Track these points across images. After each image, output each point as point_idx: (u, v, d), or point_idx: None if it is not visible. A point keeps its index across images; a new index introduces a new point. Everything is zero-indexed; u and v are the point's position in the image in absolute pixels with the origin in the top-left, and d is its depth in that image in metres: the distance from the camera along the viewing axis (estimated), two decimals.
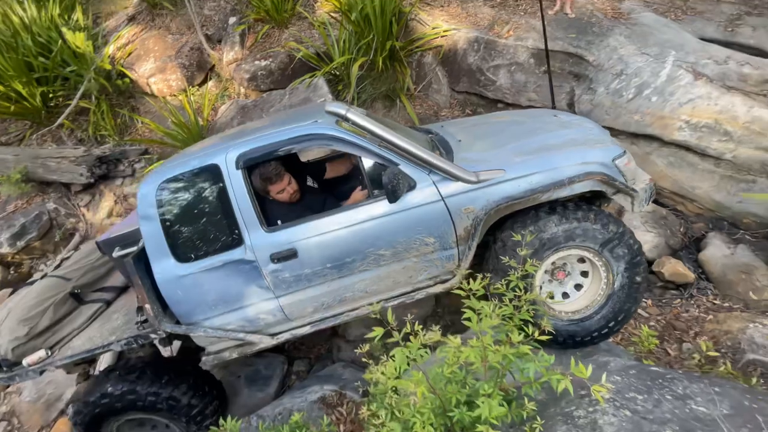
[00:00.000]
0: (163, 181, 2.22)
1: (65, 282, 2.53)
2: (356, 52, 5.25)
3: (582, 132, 2.60)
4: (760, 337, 2.42)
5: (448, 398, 1.42)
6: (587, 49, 4.77)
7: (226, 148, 2.24)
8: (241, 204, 2.20)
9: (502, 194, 2.17)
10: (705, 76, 3.94)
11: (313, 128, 2.20)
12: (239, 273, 2.25)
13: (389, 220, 2.20)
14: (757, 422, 1.24)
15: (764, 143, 3.41)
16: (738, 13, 5.34)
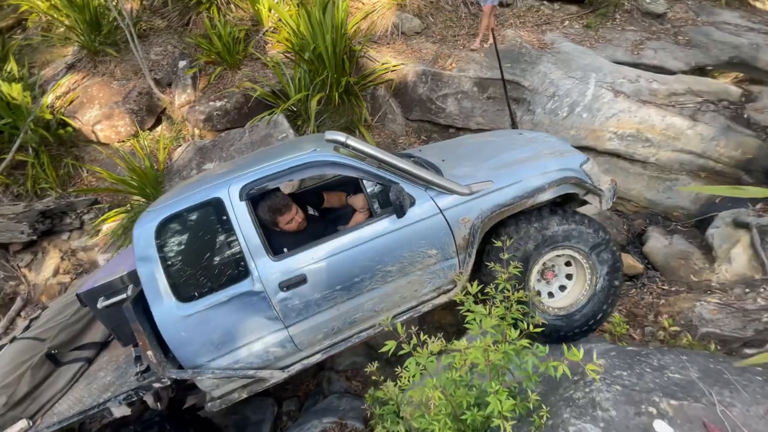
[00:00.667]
0: (163, 219, 2.15)
1: (39, 343, 2.30)
2: (312, 88, 5.44)
3: (548, 145, 2.88)
4: (707, 313, 2.76)
5: (458, 403, 1.49)
6: (522, 76, 5.33)
7: (228, 181, 2.22)
8: (247, 235, 2.17)
9: (494, 202, 2.34)
10: (623, 93, 4.55)
11: (315, 156, 2.25)
12: (246, 306, 2.19)
13: (394, 236, 2.26)
14: (725, 379, 1.44)
15: (679, 146, 3.97)
16: (640, 38, 6.28)
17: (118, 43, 6.06)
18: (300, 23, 5.45)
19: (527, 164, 2.53)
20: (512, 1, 6.92)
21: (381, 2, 6.67)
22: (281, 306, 2.21)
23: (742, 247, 3.05)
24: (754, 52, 5.66)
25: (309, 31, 5.29)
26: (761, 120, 4.05)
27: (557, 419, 1.33)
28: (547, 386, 1.63)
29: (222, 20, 5.97)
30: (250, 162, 2.46)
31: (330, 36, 5.24)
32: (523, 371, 1.56)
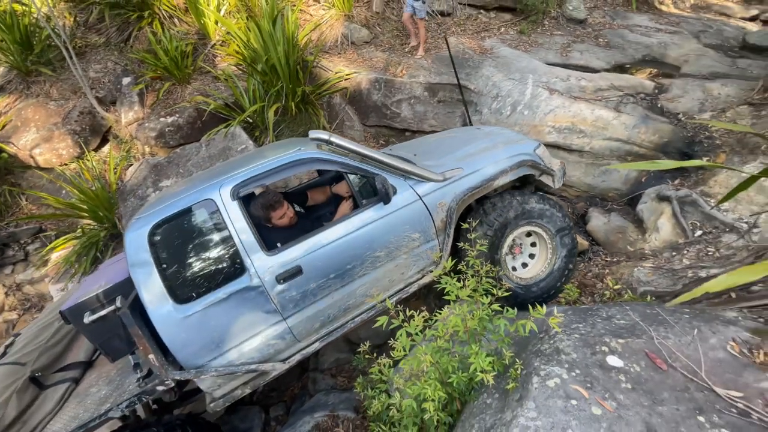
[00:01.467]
0: (155, 223, 2.15)
1: (20, 367, 2.18)
2: (268, 99, 5.46)
3: (505, 135, 3.22)
4: (644, 276, 3.16)
5: (444, 369, 1.66)
6: (468, 79, 5.72)
7: (218, 183, 2.27)
8: (241, 232, 2.23)
9: (465, 186, 2.61)
10: (557, 91, 5.05)
11: (300, 154, 2.35)
12: (245, 302, 2.23)
13: (381, 223, 2.43)
14: (660, 319, 1.73)
15: (608, 135, 4.48)
16: (567, 42, 6.96)
17: (53, 61, 5.71)
18: (250, 36, 5.47)
19: (490, 152, 2.84)
20: (452, 11, 7.39)
21: (328, 14, 6.85)
22: (279, 298, 2.27)
23: (666, 218, 3.53)
24: (663, 49, 6.50)
25: (260, 44, 5.33)
26: (672, 108, 4.68)
27: (530, 368, 1.54)
28: (518, 346, 1.84)
29: (167, 35, 5.83)
30: (235, 165, 2.50)
31: (282, 47, 5.31)
32: (497, 335, 1.77)
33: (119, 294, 2.26)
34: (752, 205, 3.17)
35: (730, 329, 1.61)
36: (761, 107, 4.17)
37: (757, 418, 1.27)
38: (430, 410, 1.50)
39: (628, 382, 1.39)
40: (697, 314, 1.76)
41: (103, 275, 2.52)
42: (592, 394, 1.35)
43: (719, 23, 8.01)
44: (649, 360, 1.48)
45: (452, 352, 1.71)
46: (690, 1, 9.10)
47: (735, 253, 2.91)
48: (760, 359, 1.48)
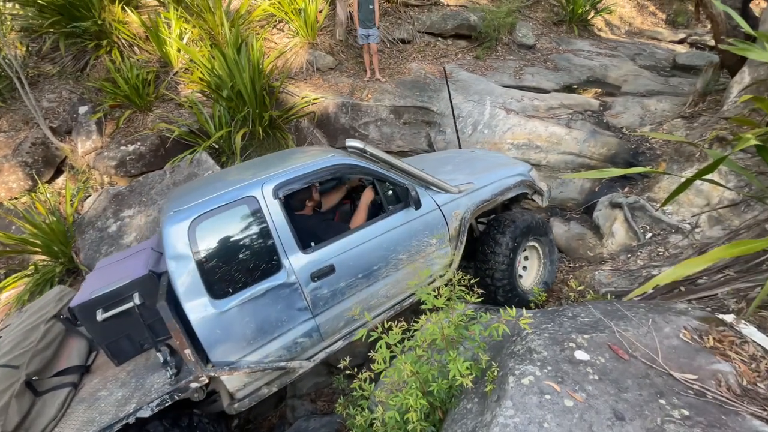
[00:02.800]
0: (195, 217, 2.13)
1: (13, 370, 2.01)
2: (234, 124, 5.46)
3: (500, 158, 3.57)
4: (604, 278, 3.35)
5: (424, 378, 1.69)
6: (430, 102, 5.99)
7: (260, 181, 2.31)
8: (281, 230, 2.29)
9: (477, 199, 2.88)
10: (513, 110, 5.39)
11: (337, 159, 2.48)
12: (279, 299, 2.27)
13: (406, 227, 2.60)
14: (620, 314, 1.85)
15: (562, 149, 4.80)
16: (520, 66, 7.47)
17: (3, 92, 5.46)
18: (214, 63, 5.50)
19: (493, 171, 3.14)
20: (412, 39, 7.78)
21: (293, 42, 7.02)
22: (312, 296, 2.34)
23: (620, 223, 3.79)
24: (604, 71, 7.12)
25: (225, 71, 5.36)
26: (616, 123, 5.10)
27: (505, 369, 1.60)
28: (494, 351, 1.90)
29: (127, 63, 5.74)
30: (269, 165, 2.59)
31: (248, 74, 5.37)
32: (473, 341, 1.83)
33: (136, 291, 2.19)
34: (693, 207, 3.48)
35: (681, 319, 1.76)
36: (693, 119, 4.64)
37: (712, 397, 1.39)
38: (413, 420, 1.52)
39: (595, 374, 1.48)
40: (652, 308, 1.91)
41: (107, 274, 2.39)
42: (563, 388, 1.42)
43: (651, 47, 8.90)
44: (612, 352, 1.58)
45: (431, 361, 1.74)
46: (625, 27, 10.08)
47: (681, 251, 3.17)
48: (710, 344, 1.63)
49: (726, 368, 1.50)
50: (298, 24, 6.87)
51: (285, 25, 7.23)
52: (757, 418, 1.30)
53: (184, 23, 6.38)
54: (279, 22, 7.31)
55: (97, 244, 4.38)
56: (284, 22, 7.15)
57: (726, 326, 1.72)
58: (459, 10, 8.05)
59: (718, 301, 2.04)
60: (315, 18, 6.90)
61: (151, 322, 2.30)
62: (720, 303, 2.02)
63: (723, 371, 1.48)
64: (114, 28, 6.19)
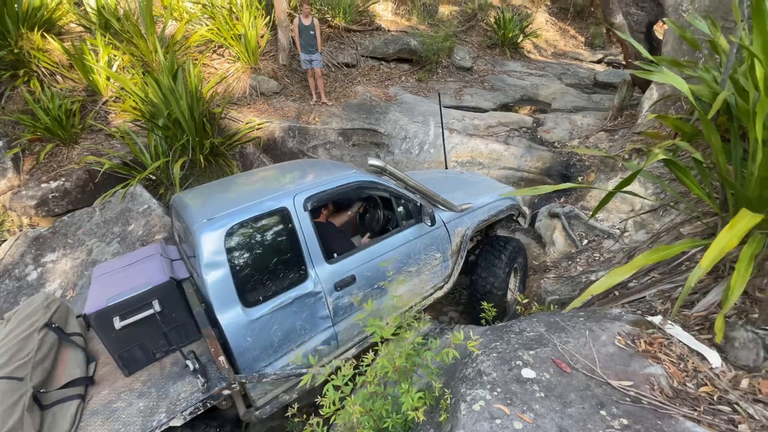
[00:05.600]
0: (232, 226, 2.16)
1: (19, 383, 1.80)
2: (172, 154, 5.18)
3: (488, 181, 3.82)
4: (549, 286, 3.51)
5: (378, 415, 1.63)
6: (377, 124, 6.10)
7: (291, 192, 2.39)
8: (309, 241, 2.36)
9: (477, 218, 3.12)
10: (455, 130, 5.61)
11: (361, 176, 2.60)
12: (305, 307, 2.35)
13: (417, 242, 2.79)
14: (561, 326, 1.92)
15: (502, 165, 5.05)
16: (459, 87, 7.87)
17: None
18: (148, 91, 5.23)
19: (487, 194, 3.39)
20: (356, 63, 7.95)
21: (234, 67, 6.88)
22: (334, 304, 2.44)
23: (559, 231, 4.02)
24: (535, 90, 7.68)
25: (160, 99, 5.11)
26: (549, 138, 5.47)
27: (457, 396, 1.59)
28: (447, 375, 1.89)
29: (48, 93, 5.30)
30: (295, 175, 2.74)
31: (185, 102, 5.15)
32: (426, 368, 1.80)
33: (156, 298, 2.15)
34: (620, 213, 3.77)
35: (616, 325, 1.87)
36: (613, 132, 5.09)
37: (647, 403, 1.46)
38: None
39: (541, 391, 1.50)
40: (590, 316, 2.01)
41: (118, 281, 2.26)
42: (512, 410, 1.43)
43: (575, 66, 9.78)
44: (556, 366, 1.63)
45: (385, 395, 1.69)
46: (550, 49, 11.03)
47: (614, 255, 3.40)
48: (642, 347, 1.73)
49: (658, 371, 1.59)
50: (238, 49, 6.76)
51: (225, 50, 7.08)
52: (689, 420, 1.38)
53: (112, 50, 6.03)
54: (219, 47, 7.16)
55: (14, 295, 3.89)
56: (224, 47, 7.00)
57: (655, 328, 1.84)
58: (400, 35, 8.37)
59: (647, 303, 2.19)
60: (256, 43, 6.83)
61: (167, 330, 2.24)
62: (648, 305, 2.17)
63: (655, 374, 1.58)
64: (32, 56, 5.72)
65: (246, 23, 6.63)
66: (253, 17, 6.83)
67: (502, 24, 9.41)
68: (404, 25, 9.15)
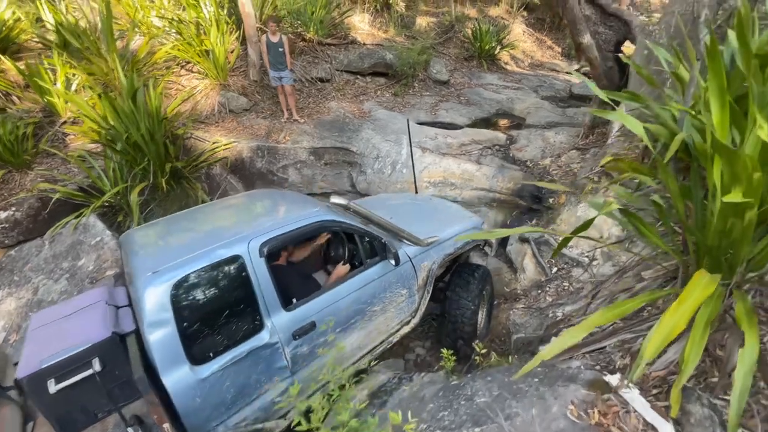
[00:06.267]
0: (179, 279, 2.00)
1: None
2: (132, 179, 4.95)
3: (455, 208, 3.77)
4: (518, 318, 3.40)
5: None
6: (349, 142, 5.95)
7: (245, 237, 2.24)
8: (264, 289, 2.24)
9: (443, 252, 3.07)
10: (428, 149, 5.50)
11: (322, 215, 2.50)
12: (260, 360, 2.21)
13: (382, 280, 2.70)
14: (515, 388, 1.79)
15: (474, 185, 4.95)
16: (435, 101, 7.79)
17: None
18: (107, 113, 4.99)
19: (455, 224, 3.34)
20: (330, 77, 7.81)
21: (202, 84, 6.67)
22: (292, 354, 2.32)
23: (529, 258, 3.92)
24: (510, 104, 7.65)
25: (118, 121, 4.88)
26: (521, 156, 5.41)
27: None
28: None
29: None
30: (247, 214, 2.63)
31: (145, 123, 4.94)
32: None
33: (96, 356, 1.96)
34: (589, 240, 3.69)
35: (570, 389, 1.74)
36: (585, 151, 5.04)
37: None
38: None
39: None
40: (546, 376, 1.88)
41: (55, 335, 2.06)
42: None
43: (551, 78, 9.82)
44: None
45: None
46: (528, 60, 11.07)
47: (583, 286, 3.31)
48: (595, 419, 1.61)
49: None
50: (206, 65, 6.56)
51: (195, 65, 6.87)
52: None
53: (70, 69, 5.78)
54: (187, 63, 6.94)
55: None
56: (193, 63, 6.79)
57: (611, 392, 1.72)
58: (375, 49, 8.27)
59: (608, 356, 2.07)
60: (225, 59, 6.64)
61: (110, 389, 2.06)
62: (609, 358, 2.05)
63: None
64: None
65: (213, 39, 6.45)
66: (222, 33, 6.64)
67: (479, 36, 9.40)
68: (381, 38, 9.06)
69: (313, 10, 7.55)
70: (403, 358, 3.34)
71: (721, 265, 1.92)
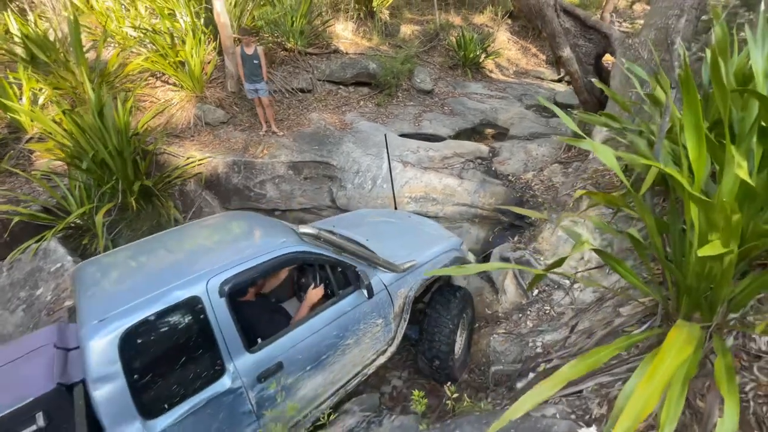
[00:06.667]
0: (129, 327, 1.82)
1: None
2: (99, 198, 4.74)
3: (434, 228, 3.66)
4: (499, 345, 3.26)
5: None
6: (330, 156, 5.80)
7: (204, 275, 2.05)
8: (226, 331, 2.06)
9: (420, 278, 2.94)
10: (409, 163, 5.38)
11: (290, 247, 2.32)
12: (221, 406, 2.03)
13: (355, 311, 2.56)
14: None
15: (456, 200, 4.84)
16: (419, 111, 7.68)
17: None
18: (73, 130, 4.78)
19: (434, 246, 3.22)
20: (312, 87, 7.66)
21: (178, 96, 6.47)
22: (257, 398, 2.15)
23: (510, 279, 3.80)
24: (494, 114, 7.57)
25: (84, 138, 4.68)
26: (503, 170, 5.31)
27: None
28: None
29: None
30: (206, 246, 2.43)
31: (113, 140, 4.74)
32: None
33: (39, 411, 1.78)
34: (570, 261, 3.58)
35: None
36: (567, 165, 4.96)
37: None
38: None
39: None
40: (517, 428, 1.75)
41: None
42: None
43: (535, 86, 9.80)
44: None
45: None
46: (512, 68, 11.05)
47: (564, 311, 3.19)
48: None
49: None
50: (182, 77, 6.37)
51: (171, 77, 6.67)
52: None
53: (36, 83, 5.54)
54: (164, 74, 6.74)
55: None
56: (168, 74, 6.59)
57: None
58: (358, 58, 8.14)
59: (584, 401, 1.95)
60: (201, 70, 6.46)
61: None
62: (586, 404, 1.92)
63: None
64: None
65: (189, 50, 6.26)
66: (197, 43, 6.46)
67: (464, 44, 9.35)
68: (365, 46, 8.95)
69: (293, 21, 7.40)
70: (379, 390, 3.18)
71: (701, 304, 1.82)
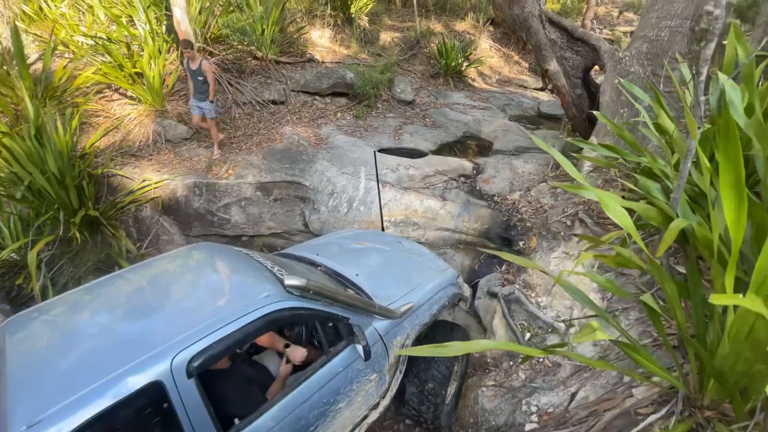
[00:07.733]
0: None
1: None
2: (37, 231, 4.19)
3: (431, 259, 3.34)
4: (488, 402, 2.88)
5: None
6: (302, 176, 5.35)
7: (166, 351, 1.63)
8: (195, 419, 1.67)
9: (417, 323, 2.65)
10: (388, 183, 4.98)
11: (274, 304, 1.91)
12: None
13: (348, 371, 2.25)
14: None
15: (438, 225, 4.46)
16: (399, 123, 7.29)
17: None
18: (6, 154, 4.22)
19: (429, 282, 2.91)
20: (285, 99, 7.20)
21: (136, 110, 5.92)
22: None
23: (499, 318, 3.43)
24: (478, 126, 7.25)
25: (17, 164, 4.12)
26: (488, 190, 4.96)
27: None
28: None
29: None
30: (177, 297, 2.00)
31: (54, 164, 4.20)
32: None
33: None
34: (565, 300, 3.24)
35: None
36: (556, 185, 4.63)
37: None
38: None
39: None
40: None
41: None
42: None
43: (519, 95, 9.55)
44: None
45: None
46: (495, 76, 10.81)
47: (560, 363, 2.83)
48: None
49: None
50: (138, 90, 5.83)
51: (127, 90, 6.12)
52: None
53: None
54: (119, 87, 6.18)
55: None
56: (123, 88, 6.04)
57: None
58: (335, 67, 7.73)
59: None
60: (161, 83, 5.93)
61: None
62: None
63: None
64: None
65: (146, 61, 5.74)
66: (157, 53, 5.94)
67: (445, 52, 9.04)
68: (342, 54, 8.54)
69: (263, 28, 6.94)
70: None
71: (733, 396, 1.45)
